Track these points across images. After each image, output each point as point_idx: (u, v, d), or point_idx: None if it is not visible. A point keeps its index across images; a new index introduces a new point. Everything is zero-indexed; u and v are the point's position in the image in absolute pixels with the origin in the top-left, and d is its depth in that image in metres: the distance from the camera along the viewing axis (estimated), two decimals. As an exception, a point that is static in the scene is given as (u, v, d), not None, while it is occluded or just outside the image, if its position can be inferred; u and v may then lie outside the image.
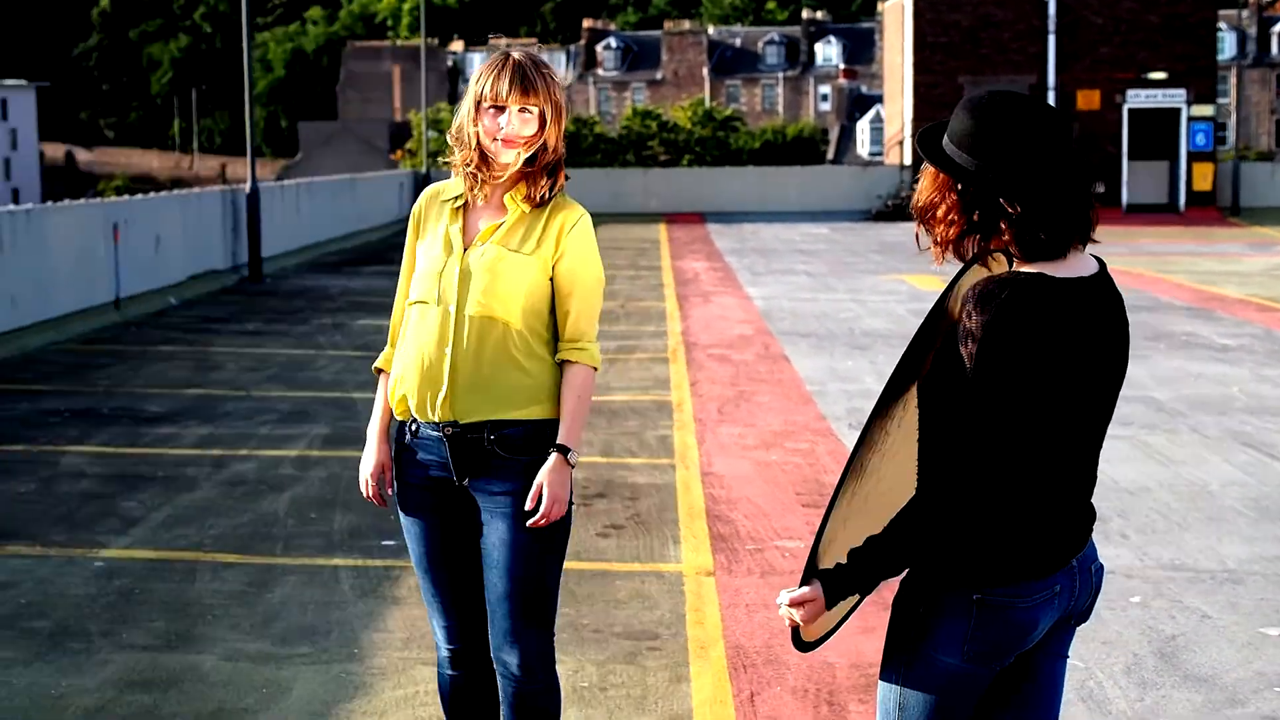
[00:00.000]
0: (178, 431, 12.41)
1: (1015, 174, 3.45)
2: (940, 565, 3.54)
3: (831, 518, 3.68)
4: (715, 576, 8.33)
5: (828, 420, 12.88)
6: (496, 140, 4.66)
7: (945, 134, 3.57)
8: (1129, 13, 46.77)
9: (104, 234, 20.39)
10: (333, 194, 35.72)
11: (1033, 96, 3.54)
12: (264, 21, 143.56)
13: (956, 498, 3.44)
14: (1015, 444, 3.43)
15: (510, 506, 4.65)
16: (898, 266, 29.22)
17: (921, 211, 3.62)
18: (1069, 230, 3.49)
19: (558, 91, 4.75)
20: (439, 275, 4.71)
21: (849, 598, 3.65)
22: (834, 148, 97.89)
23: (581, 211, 4.80)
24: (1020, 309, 3.40)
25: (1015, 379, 3.39)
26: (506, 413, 4.64)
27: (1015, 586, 3.52)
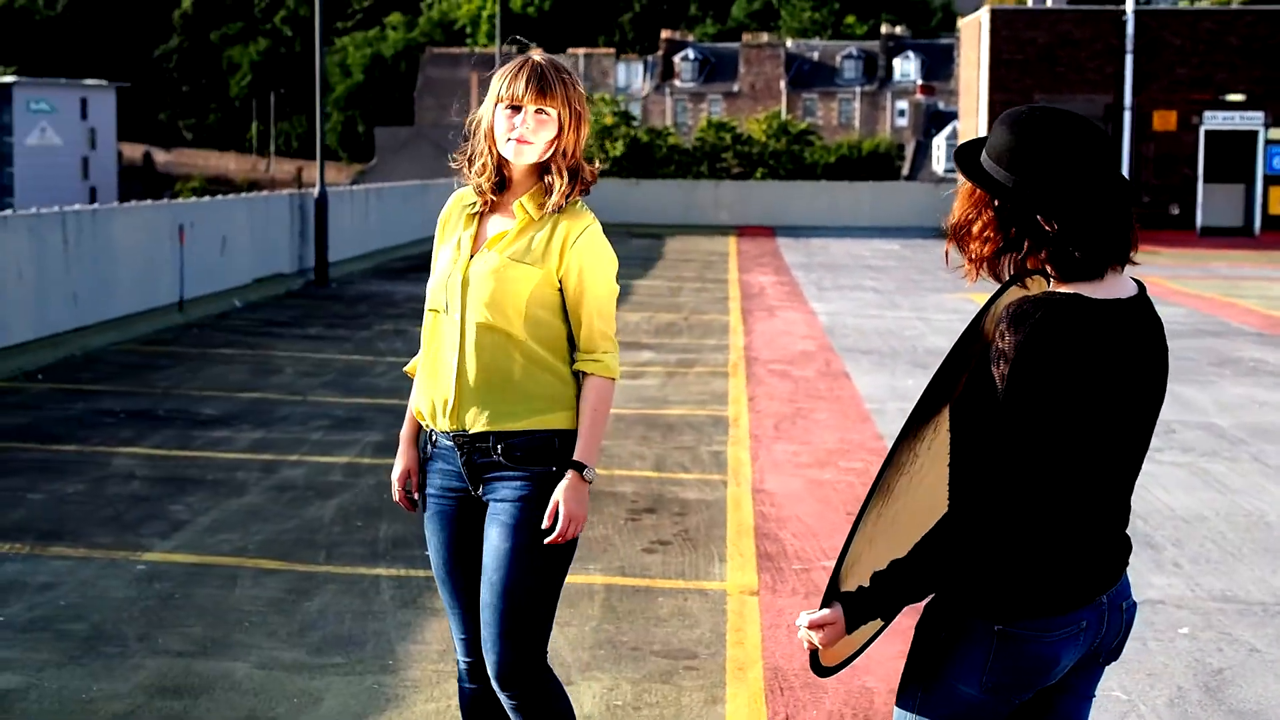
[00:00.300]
0: (230, 435, 12.42)
1: (1053, 191, 3.36)
2: (964, 593, 3.45)
3: (856, 539, 3.60)
4: (759, 596, 8.24)
5: (884, 439, 12.77)
6: (510, 140, 4.61)
7: (984, 149, 3.49)
8: (1208, 34, 46.34)
9: (169, 235, 20.49)
10: (403, 199, 35.81)
11: (1075, 114, 3.44)
12: (344, 26, 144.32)
13: (984, 523, 3.35)
14: (1045, 470, 3.34)
15: (508, 516, 4.62)
16: (965, 285, 28.98)
17: (956, 228, 3.53)
18: (1107, 250, 3.41)
19: (577, 96, 4.68)
20: (446, 282, 4.69)
21: (871, 623, 3.56)
22: (909, 163, 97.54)
23: (590, 220, 4.72)
24: (1055, 330, 3.31)
25: (1047, 402, 3.30)
26: (512, 423, 4.61)
27: (1038, 620, 3.43)
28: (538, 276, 4.62)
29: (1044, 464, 3.33)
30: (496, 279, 4.60)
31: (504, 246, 4.66)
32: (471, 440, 4.63)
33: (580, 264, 4.67)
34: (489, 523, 4.66)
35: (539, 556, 4.62)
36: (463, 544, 4.77)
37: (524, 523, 4.60)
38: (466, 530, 4.76)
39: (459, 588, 4.79)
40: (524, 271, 4.61)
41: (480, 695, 4.87)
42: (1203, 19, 47.08)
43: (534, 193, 4.69)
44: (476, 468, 4.65)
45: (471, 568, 4.77)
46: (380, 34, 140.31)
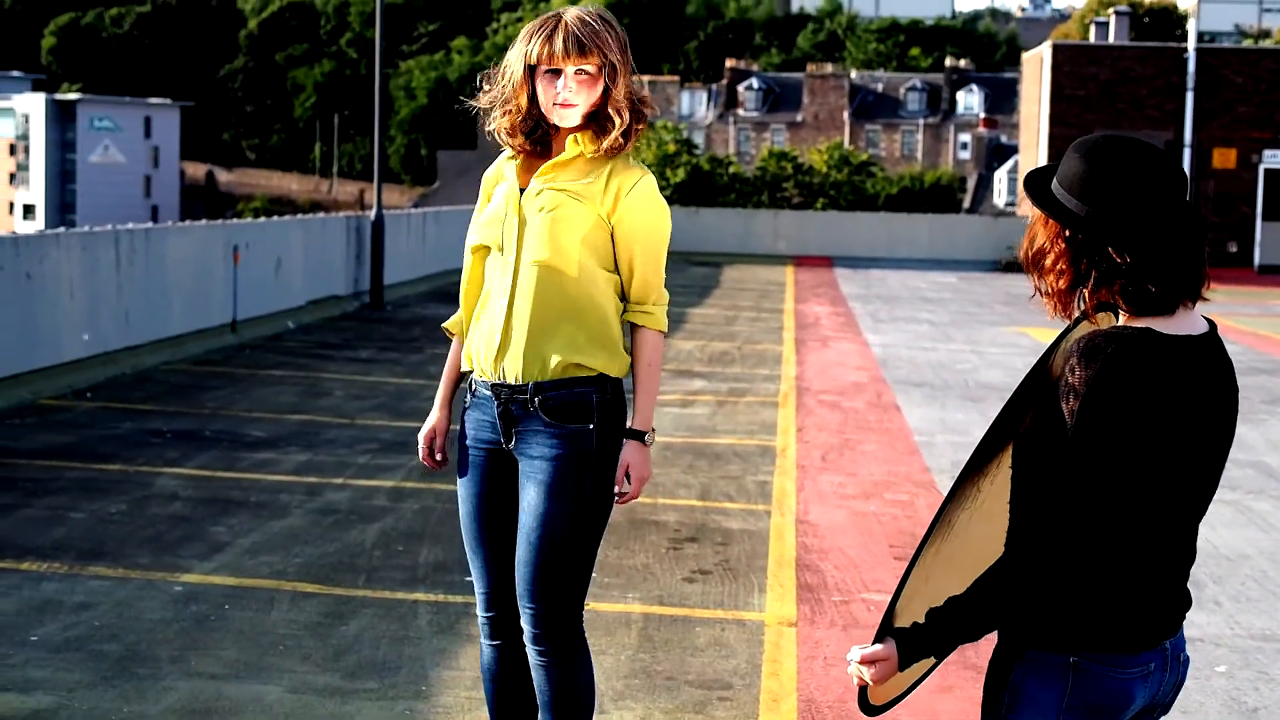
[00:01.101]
0: (276, 457, 12.43)
1: (1126, 221, 3.27)
2: (1034, 626, 3.34)
3: (913, 574, 3.52)
4: (797, 627, 8.19)
5: (931, 472, 12.69)
6: (555, 105, 4.57)
7: (1055, 177, 3.38)
8: (1269, 73, 46.08)
9: (224, 256, 20.57)
10: (460, 223, 35.85)
11: (1147, 143, 3.35)
12: (409, 50, 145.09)
13: (1046, 562, 3.25)
14: (1112, 507, 3.24)
15: (545, 474, 4.62)
16: (1021, 319, 28.86)
17: (1030, 260, 3.43)
18: (1180, 284, 3.30)
19: (616, 43, 4.60)
20: (502, 220, 4.66)
21: (923, 660, 3.47)
22: (971, 196, 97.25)
23: (644, 172, 4.69)
24: (1126, 365, 3.22)
25: (1118, 438, 3.21)
26: (553, 370, 4.58)
27: (1110, 655, 3.33)
28: (593, 217, 4.59)
29: (1111, 501, 3.24)
30: (553, 216, 4.57)
31: (556, 179, 4.61)
32: (511, 391, 4.61)
33: (635, 212, 4.64)
34: (525, 479, 4.64)
35: (577, 516, 4.62)
36: (492, 498, 4.77)
37: (561, 481, 4.59)
38: (498, 484, 4.76)
39: (485, 541, 4.79)
40: (579, 209, 4.58)
41: (502, 651, 4.86)
42: (1264, 58, 46.81)
43: (587, 132, 4.63)
44: (512, 419, 4.63)
45: (499, 522, 4.77)
46: (445, 58, 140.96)
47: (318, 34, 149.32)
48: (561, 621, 4.64)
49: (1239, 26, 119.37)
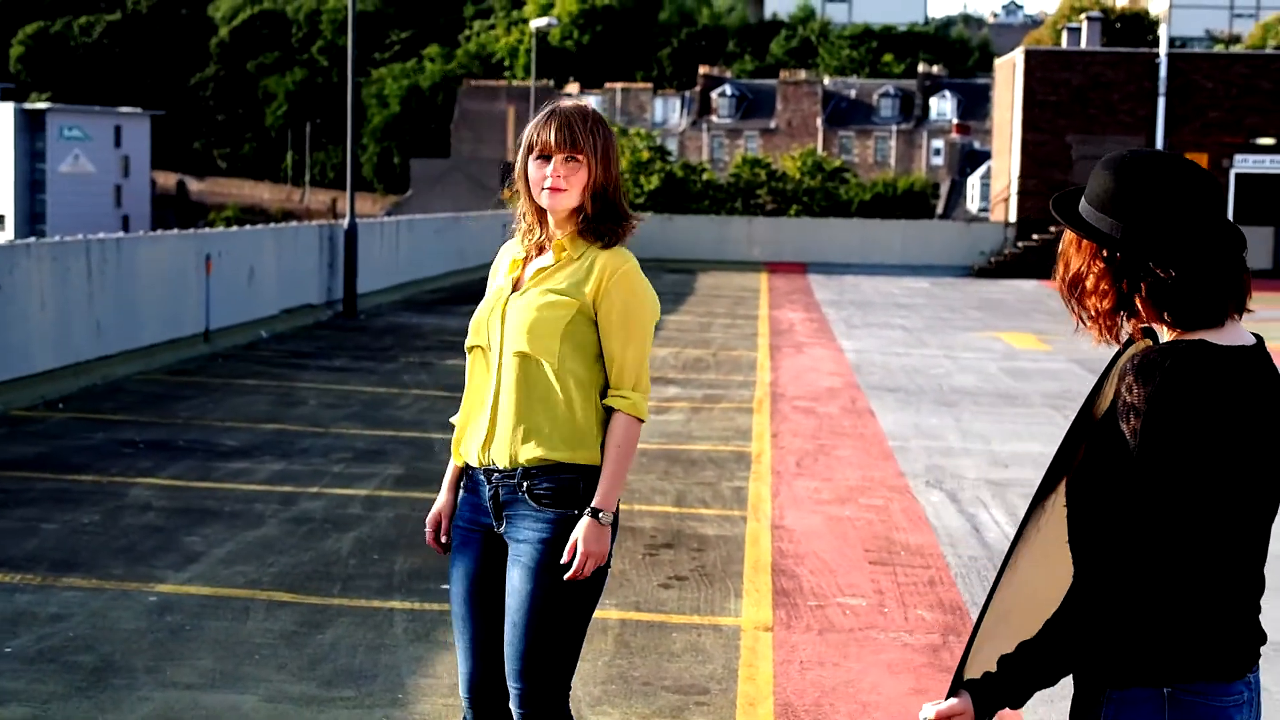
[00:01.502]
0: (250, 466, 12.40)
1: (1166, 235, 3.14)
2: (1118, 661, 3.17)
3: (984, 622, 3.35)
4: (773, 632, 8.20)
5: (905, 477, 12.71)
6: (544, 189, 4.73)
7: (1083, 197, 3.27)
8: (1240, 78, 46.27)
9: (196, 265, 20.51)
10: (434, 231, 35.85)
11: (1175, 155, 3.24)
12: (381, 57, 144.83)
13: (1120, 592, 3.11)
14: (1187, 526, 3.09)
15: (529, 558, 4.69)
16: (995, 324, 28.95)
17: (1070, 285, 3.30)
18: (1226, 295, 3.18)
19: (605, 138, 4.80)
20: (487, 319, 4.81)
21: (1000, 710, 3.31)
22: (944, 202, 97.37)
23: (627, 257, 4.80)
24: (1186, 378, 3.08)
25: (1185, 452, 3.06)
26: (541, 458, 4.67)
27: (1205, 684, 3.16)
28: (575, 307, 4.70)
29: (1184, 520, 3.09)
30: (534, 309, 4.71)
31: (541, 281, 4.77)
32: (501, 475, 4.71)
33: (617, 299, 4.73)
34: (511, 563, 4.72)
35: (561, 598, 4.67)
36: (483, 578, 4.83)
37: (545, 565, 4.65)
38: (488, 565, 4.83)
39: (472, 620, 4.84)
40: (561, 302, 4.70)
41: None
42: (1235, 63, 47.02)
43: (572, 232, 4.79)
44: (501, 504, 4.73)
45: (487, 602, 4.82)
46: (418, 66, 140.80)
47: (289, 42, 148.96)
48: (547, 700, 4.72)
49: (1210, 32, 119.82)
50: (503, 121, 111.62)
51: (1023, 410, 16.98)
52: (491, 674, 4.82)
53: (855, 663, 7.73)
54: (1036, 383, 19.55)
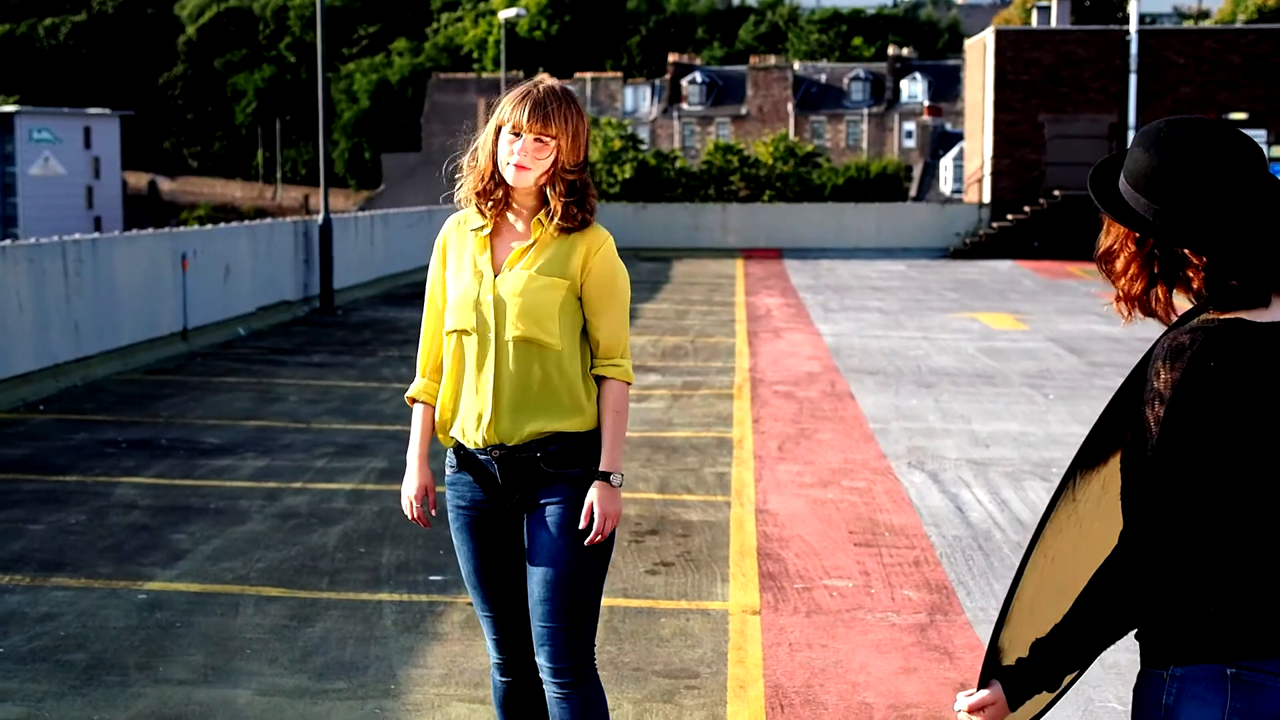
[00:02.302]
0: (234, 463, 12.41)
1: (1200, 220, 3.01)
2: (1180, 639, 3.09)
3: (1014, 609, 3.33)
4: (761, 615, 8.24)
5: (888, 459, 12.76)
6: (509, 164, 4.78)
7: (1121, 172, 3.16)
8: (1211, 53, 46.42)
9: (172, 264, 20.49)
10: (408, 225, 35.83)
11: (1219, 123, 3.07)
12: (349, 53, 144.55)
13: (1160, 571, 3.05)
14: (1219, 511, 3.03)
15: (557, 517, 4.84)
16: (971, 305, 29.02)
17: (1101, 260, 3.21)
18: (1267, 276, 3.04)
19: (577, 120, 4.86)
20: (474, 304, 4.84)
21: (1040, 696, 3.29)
22: (917, 185, 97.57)
23: (606, 234, 4.96)
24: (1214, 363, 2.98)
25: (1207, 443, 2.99)
26: (549, 428, 4.81)
27: (1272, 661, 3.06)
28: (565, 287, 4.83)
29: (1211, 507, 3.02)
30: (530, 295, 4.80)
31: (528, 263, 4.85)
32: (511, 451, 4.80)
33: (601, 275, 4.89)
34: (535, 526, 4.85)
35: (588, 553, 4.83)
36: (494, 552, 4.96)
37: (572, 521, 4.81)
38: (497, 539, 4.95)
39: (491, 594, 4.98)
40: (554, 283, 4.82)
41: (514, 688, 5.06)
42: (1205, 38, 47.14)
43: (545, 211, 4.86)
44: (515, 476, 4.83)
45: (503, 574, 4.97)
46: (386, 60, 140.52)
47: (256, 39, 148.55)
48: (578, 656, 4.87)
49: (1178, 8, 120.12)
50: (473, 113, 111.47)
51: (1002, 390, 17.04)
52: (517, 640, 5.00)
53: (843, 644, 7.77)
54: (1014, 362, 19.62)
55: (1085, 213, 45.64)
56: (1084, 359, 19.97)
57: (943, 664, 7.45)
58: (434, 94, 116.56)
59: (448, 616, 8.19)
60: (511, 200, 4.87)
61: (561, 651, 4.82)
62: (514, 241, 4.88)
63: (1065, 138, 46.93)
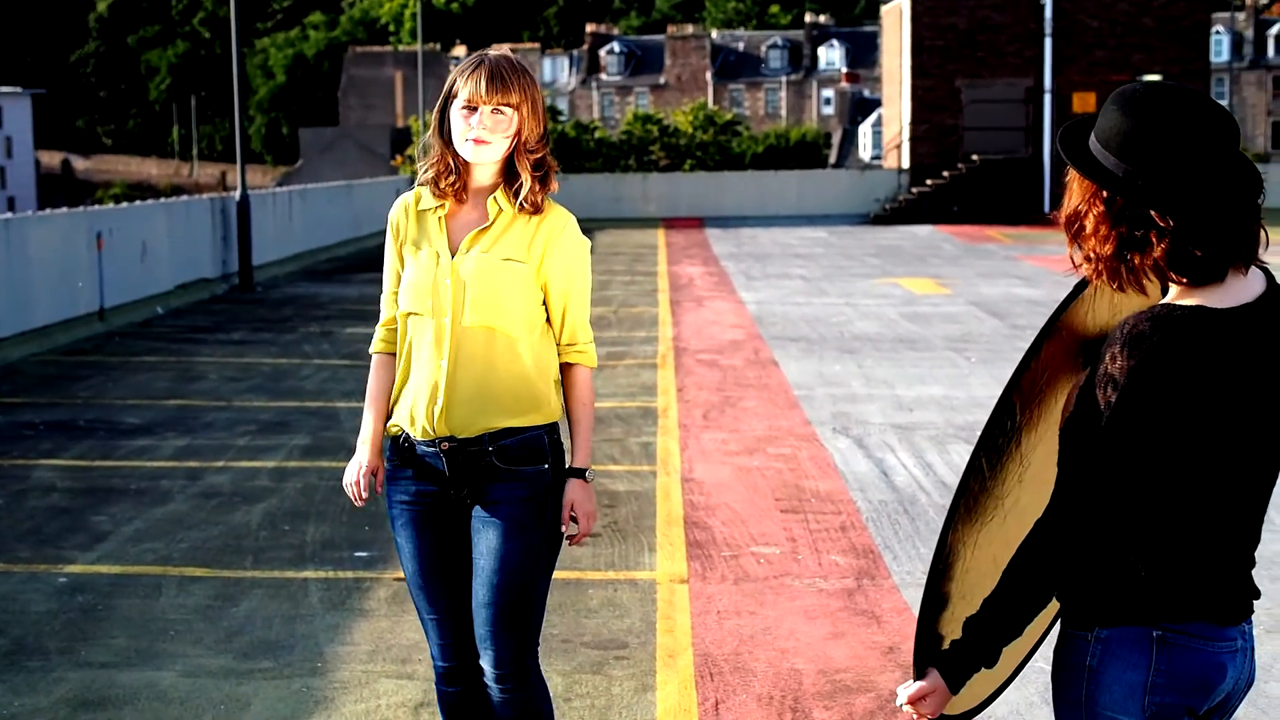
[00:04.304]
0: (154, 443, 12.29)
1: (1169, 181, 2.98)
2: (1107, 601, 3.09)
3: (952, 592, 3.28)
4: (689, 584, 8.23)
5: (812, 425, 12.77)
6: (467, 141, 4.56)
7: (1092, 132, 3.11)
8: (1124, 16, 46.73)
9: (87, 244, 20.27)
10: (327, 201, 35.60)
11: (1193, 91, 3.04)
12: (264, 27, 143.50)
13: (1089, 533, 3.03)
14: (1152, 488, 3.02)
15: (505, 516, 4.61)
16: (892, 270, 29.13)
17: (1068, 222, 3.14)
18: (1229, 249, 3.02)
19: (534, 89, 4.64)
20: (431, 287, 4.62)
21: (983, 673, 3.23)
22: (836, 151, 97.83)
23: (568, 215, 4.73)
24: (1171, 355, 2.95)
25: (1156, 429, 2.97)
26: (503, 423, 4.60)
27: (1197, 624, 3.07)
28: (527, 273, 4.61)
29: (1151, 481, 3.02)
30: (490, 279, 4.58)
31: (488, 245, 4.62)
32: (462, 445, 4.60)
33: (565, 259, 4.68)
34: (482, 525, 4.63)
35: (536, 556, 4.64)
36: (440, 550, 4.73)
37: (522, 523, 4.60)
38: (443, 536, 4.72)
39: (437, 593, 4.75)
40: (515, 269, 4.60)
41: (459, 699, 4.85)
42: (1119, 1, 47.43)
43: (504, 190, 4.65)
44: (463, 471, 4.62)
45: (449, 573, 4.74)
46: (301, 34, 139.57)
47: (169, 15, 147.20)
48: (522, 657, 4.68)
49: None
50: (390, 87, 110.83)
51: (924, 354, 17.10)
52: (464, 645, 4.78)
53: (771, 610, 7.77)
54: (936, 327, 19.69)
55: (1004, 177, 45.91)
56: (1005, 322, 20.07)
57: (870, 628, 7.46)
58: (350, 68, 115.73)
59: (374, 593, 8.13)
60: (468, 180, 4.66)
61: (505, 655, 4.65)
62: (471, 223, 4.67)
63: (982, 102, 47.14)
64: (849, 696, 6.54)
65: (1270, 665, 6.86)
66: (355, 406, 13.74)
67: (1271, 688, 6.59)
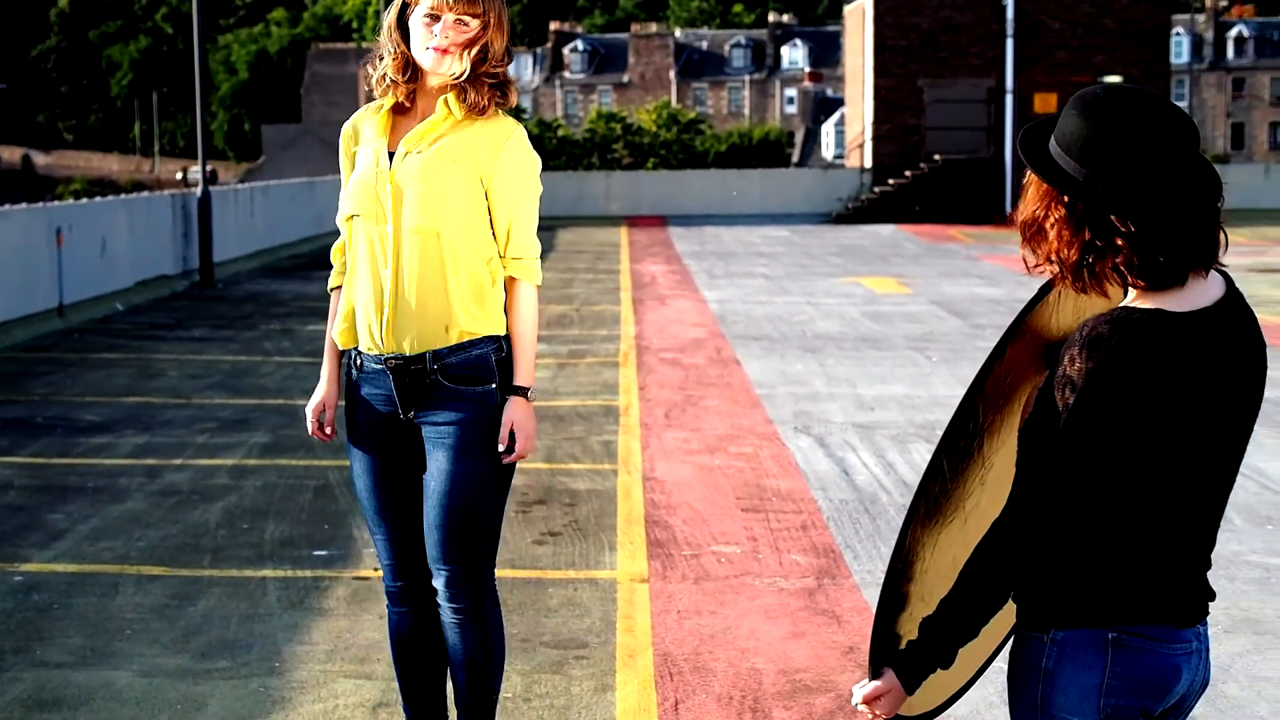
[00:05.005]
0: (113, 441, 12.21)
1: (1129, 186, 2.97)
2: (1062, 603, 3.09)
3: (911, 594, 3.28)
4: (649, 583, 8.21)
5: (774, 424, 12.77)
6: (429, 49, 4.48)
7: (1052, 135, 3.10)
8: (1085, 17, 46.92)
9: (47, 239, 20.15)
10: (289, 197, 35.49)
11: (1154, 94, 3.04)
12: (226, 23, 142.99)
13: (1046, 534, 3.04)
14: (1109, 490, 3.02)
15: (452, 438, 4.58)
16: (854, 269, 29.17)
17: (1025, 226, 3.12)
18: (1189, 253, 3.01)
19: (500, 7, 4.57)
20: (374, 188, 4.55)
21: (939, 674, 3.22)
22: (799, 150, 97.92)
23: (515, 124, 4.66)
24: (1129, 359, 2.96)
25: (1113, 433, 2.97)
26: (448, 338, 4.55)
27: (1153, 627, 3.08)
28: (469, 178, 4.54)
29: (1108, 484, 3.02)
30: (429, 179, 4.50)
31: (429, 144, 4.54)
32: (406, 362, 4.55)
33: (510, 166, 4.61)
34: (432, 445, 4.60)
35: (486, 476, 4.61)
36: (392, 469, 4.71)
37: (470, 443, 4.57)
38: (396, 455, 4.70)
39: (387, 512, 4.74)
40: (456, 170, 4.52)
41: (411, 616, 4.83)
42: (1080, 2, 47.63)
43: (457, 91, 4.56)
44: (409, 390, 4.58)
45: (401, 492, 4.72)
46: (265, 30, 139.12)
47: (132, 10, 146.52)
48: (475, 579, 4.64)
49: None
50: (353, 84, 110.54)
51: (886, 353, 17.12)
52: (413, 564, 4.74)
53: (732, 610, 7.75)
54: (898, 326, 19.72)
55: (966, 177, 46.03)
56: (966, 321, 20.11)
57: (831, 628, 7.45)
58: (313, 64, 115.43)
59: (333, 592, 8.09)
60: (421, 87, 4.58)
61: (455, 580, 4.61)
62: (415, 124, 4.59)
63: (944, 102, 47.25)
64: (809, 696, 6.53)
65: (1229, 666, 6.88)
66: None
67: (1230, 688, 6.60)
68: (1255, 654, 7.07)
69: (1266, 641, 7.25)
